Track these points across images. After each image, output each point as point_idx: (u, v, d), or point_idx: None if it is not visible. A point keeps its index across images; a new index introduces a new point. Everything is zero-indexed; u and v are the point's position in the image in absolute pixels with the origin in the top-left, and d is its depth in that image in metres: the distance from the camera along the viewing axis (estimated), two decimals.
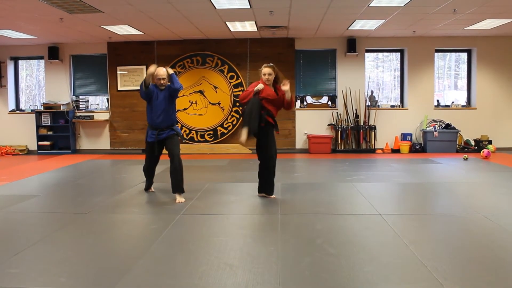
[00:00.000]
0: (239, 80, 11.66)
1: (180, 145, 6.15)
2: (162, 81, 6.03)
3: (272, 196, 6.02)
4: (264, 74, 5.84)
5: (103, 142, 12.30)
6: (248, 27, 10.09)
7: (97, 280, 3.31)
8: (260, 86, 5.73)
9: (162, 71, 6.08)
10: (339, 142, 11.68)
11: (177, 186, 5.90)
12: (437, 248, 3.97)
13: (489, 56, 11.67)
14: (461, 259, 3.68)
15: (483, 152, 10.24)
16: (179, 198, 5.88)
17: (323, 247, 3.99)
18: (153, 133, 6.01)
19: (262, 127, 5.73)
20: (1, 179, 7.88)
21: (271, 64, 5.93)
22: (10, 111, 12.42)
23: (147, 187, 6.59)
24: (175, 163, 5.88)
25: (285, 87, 5.76)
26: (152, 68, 5.96)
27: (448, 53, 13.59)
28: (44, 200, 6.13)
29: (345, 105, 11.75)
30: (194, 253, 3.87)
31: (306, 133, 11.88)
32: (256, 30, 10.42)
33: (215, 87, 11.83)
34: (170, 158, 5.95)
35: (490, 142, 11.47)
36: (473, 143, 11.57)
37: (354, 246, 4.02)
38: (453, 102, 12.17)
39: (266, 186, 6.02)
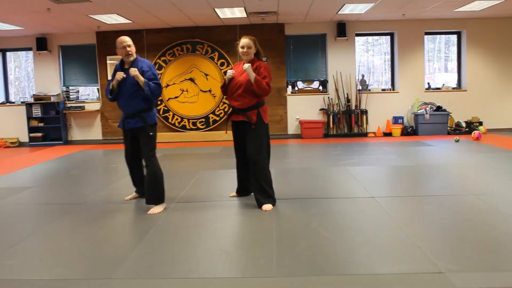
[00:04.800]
0: (230, 67, 11.60)
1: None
2: (128, 49, 4.82)
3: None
4: (242, 47, 4.85)
5: (95, 132, 12.26)
6: (237, 13, 10.04)
7: (94, 270, 3.32)
8: (230, 73, 4.90)
9: (126, 38, 4.88)
10: (331, 126, 11.70)
11: (149, 197, 4.96)
12: (430, 229, 4.01)
13: (479, 38, 11.69)
14: (454, 240, 3.72)
15: (474, 133, 10.29)
16: (153, 209, 4.83)
17: (318, 231, 4.02)
18: (122, 118, 5.04)
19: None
20: None
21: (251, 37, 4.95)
22: None
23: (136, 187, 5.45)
24: (146, 168, 4.97)
25: (244, 65, 4.81)
26: (119, 75, 4.82)
27: (438, 36, 13.58)
28: (37, 192, 6.12)
29: (336, 90, 11.75)
30: (190, 240, 3.89)
31: (298, 118, 11.88)
32: (246, 16, 10.37)
33: (206, 75, 11.79)
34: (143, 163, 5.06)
35: (481, 123, 11.53)
36: (464, 125, 11.62)
37: (349, 230, 4.05)
38: (443, 85, 12.21)
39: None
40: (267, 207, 4.79)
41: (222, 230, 4.18)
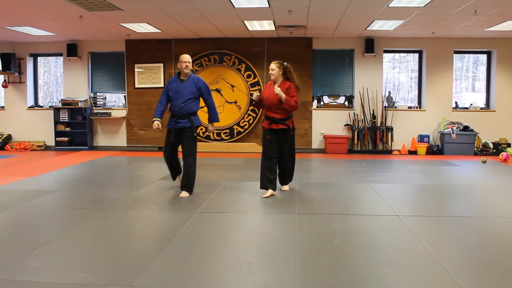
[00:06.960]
0: (256, 79, 11.65)
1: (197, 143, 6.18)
2: (188, 64, 6.05)
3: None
4: (269, 70, 6.19)
5: (120, 139, 12.38)
6: (266, 26, 10.08)
7: (116, 276, 3.33)
8: (255, 96, 6.17)
9: (188, 56, 6.13)
10: (356, 142, 11.62)
11: (184, 184, 6.16)
12: (456, 250, 3.94)
13: (509, 58, 11.52)
14: (480, 262, 3.65)
15: (501, 155, 10.13)
16: (182, 194, 6.06)
17: (341, 247, 3.97)
18: (172, 119, 6.11)
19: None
20: (20, 174, 7.97)
21: (282, 61, 6.16)
22: (28, 107, 12.54)
23: (174, 177, 6.60)
24: (188, 160, 6.07)
25: (276, 89, 5.94)
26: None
27: (466, 55, 13.42)
28: (62, 196, 6.19)
29: (362, 106, 11.69)
30: (212, 251, 3.88)
31: (322, 133, 11.84)
32: (274, 29, 10.40)
33: (232, 86, 11.84)
34: (183, 156, 6.16)
35: (508, 145, 11.33)
36: (491, 145, 11.44)
37: (372, 247, 4.00)
38: (471, 104, 12.05)
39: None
40: (287, 187, 6.55)
41: (245, 242, 4.17)
